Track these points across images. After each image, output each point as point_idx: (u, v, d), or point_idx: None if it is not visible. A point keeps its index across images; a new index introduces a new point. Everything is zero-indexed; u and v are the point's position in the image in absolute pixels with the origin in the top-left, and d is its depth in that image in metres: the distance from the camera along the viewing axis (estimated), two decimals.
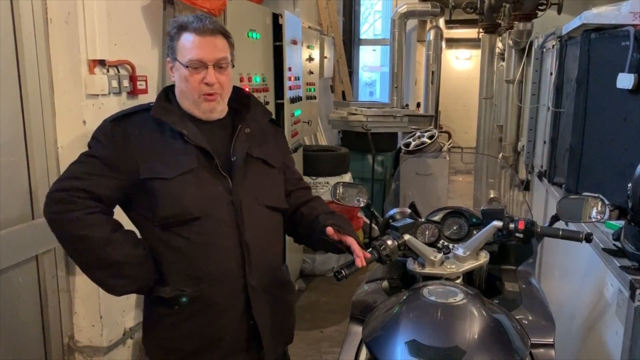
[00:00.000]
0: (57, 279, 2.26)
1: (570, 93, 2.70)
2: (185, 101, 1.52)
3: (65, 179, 1.46)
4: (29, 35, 2.05)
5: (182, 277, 1.50)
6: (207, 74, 1.46)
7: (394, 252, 1.59)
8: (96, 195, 1.43)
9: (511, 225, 1.62)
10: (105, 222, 1.45)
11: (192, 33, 1.46)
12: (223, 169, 1.50)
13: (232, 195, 1.50)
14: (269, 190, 1.61)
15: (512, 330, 1.37)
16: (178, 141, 1.47)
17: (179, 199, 1.45)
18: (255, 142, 1.58)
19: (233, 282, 1.52)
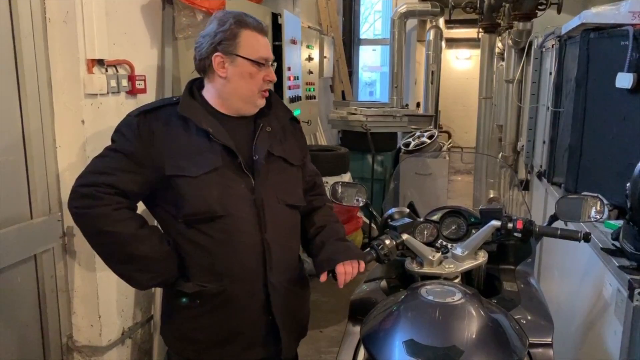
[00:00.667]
0: (56, 279, 2.26)
1: (570, 93, 2.70)
2: (237, 99, 1.53)
3: (90, 173, 1.45)
4: (28, 34, 2.04)
5: (204, 272, 1.52)
6: (269, 71, 1.53)
7: (392, 251, 1.59)
8: (122, 190, 1.43)
9: (509, 225, 1.62)
10: (132, 218, 1.46)
11: (254, 31, 1.49)
12: (246, 168, 1.51)
13: (254, 194, 1.52)
14: (289, 188, 1.62)
15: (510, 330, 1.37)
16: (203, 138, 1.47)
17: (203, 197, 1.46)
18: (276, 140, 1.59)
19: (254, 279, 1.54)
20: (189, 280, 1.53)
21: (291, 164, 1.63)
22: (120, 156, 1.45)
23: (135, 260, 1.46)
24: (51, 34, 2.13)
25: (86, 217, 1.42)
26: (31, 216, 2.11)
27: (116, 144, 1.48)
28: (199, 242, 1.50)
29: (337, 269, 1.54)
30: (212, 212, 1.47)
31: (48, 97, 2.16)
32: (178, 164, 1.45)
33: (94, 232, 1.44)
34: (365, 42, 9.42)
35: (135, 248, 1.45)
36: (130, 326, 2.56)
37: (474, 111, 9.81)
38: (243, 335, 1.58)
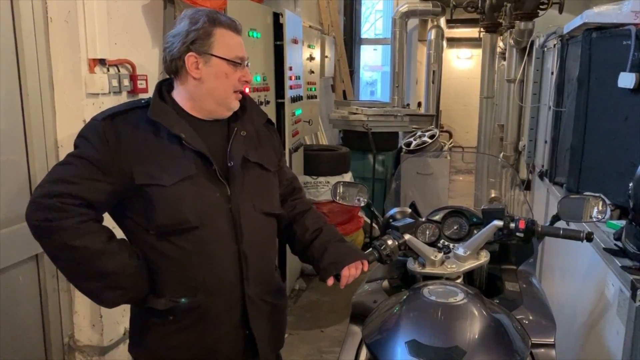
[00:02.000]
0: (58, 278, 2.26)
1: (572, 92, 2.69)
2: (210, 100, 1.44)
3: (52, 182, 1.32)
4: (29, 34, 2.05)
5: (177, 287, 1.43)
6: (245, 71, 1.45)
7: (394, 251, 1.59)
8: (88, 201, 1.32)
9: (512, 225, 1.61)
10: (99, 231, 1.35)
11: (228, 30, 1.41)
12: (221, 175, 1.43)
13: (230, 203, 1.45)
14: (265, 196, 1.55)
15: (512, 330, 1.37)
16: (175, 144, 1.39)
17: (177, 207, 1.37)
18: (251, 145, 1.52)
19: (230, 292, 1.47)
20: (161, 296, 1.43)
21: (267, 170, 1.56)
22: (85, 163, 1.33)
23: (103, 276, 1.34)
24: (53, 33, 2.13)
25: (49, 231, 1.29)
26: None
27: (80, 150, 1.36)
28: (172, 255, 1.41)
29: (343, 272, 1.52)
30: (185, 223, 1.38)
31: (49, 97, 2.16)
32: (148, 171, 1.36)
33: (58, 247, 1.31)
34: (366, 42, 9.41)
35: (103, 263, 1.33)
36: None
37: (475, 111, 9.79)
38: (220, 352, 1.50)
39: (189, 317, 1.45)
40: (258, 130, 1.58)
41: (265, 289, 1.56)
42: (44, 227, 1.29)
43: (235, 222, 1.45)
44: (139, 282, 1.41)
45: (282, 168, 1.69)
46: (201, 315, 1.46)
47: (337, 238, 1.63)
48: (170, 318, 1.44)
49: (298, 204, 1.71)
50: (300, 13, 4.90)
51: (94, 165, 1.33)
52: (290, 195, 1.72)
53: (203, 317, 1.46)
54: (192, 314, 1.45)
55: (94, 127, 1.37)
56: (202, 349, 1.49)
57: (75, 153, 1.37)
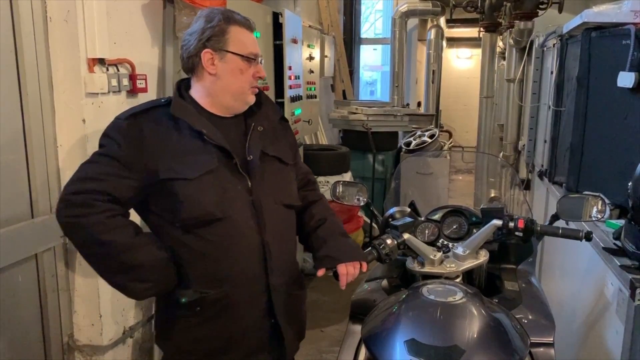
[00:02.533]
0: (57, 278, 2.25)
1: (571, 92, 2.69)
2: (227, 95, 1.50)
3: (80, 180, 1.39)
4: (29, 34, 2.04)
5: (204, 279, 1.47)
6: (259, 68, 1.52)
7: (393, 251, 1.59)
8: (115, 197, 1.37)
9: (511, 224, 1.62)
10: (127, 225, 1.41)
11: (242, 27, 1.48)
12: (241, 168, 1.48)
13: (252, 195, 1.50)
14: (285, 188, 1.61)
15: (511, 329, 1.37)
16: (196, 140, 1.43)
17: (200, 201, 1.42)
18: (268, 140, 1.57)
19: (255, 283, 1.52)
20: (188, 288, 1.48)
21: (285, 163, 1.62)
22: (111, 161, 1.39)
23: (132, 269, 1.40)
24: (52, 33, 2.13)
25: (79, 226, 1.35)
26: (32, 215, 2.11)
27: (105, 149, 1.42)
28: (197, 247, 1.45)
29: (339, 269, 1.53)
30: (210, 216, 1.43)
31: (49, 96, 2.15)
32: (172, 166, 1.41)
33: (88, 242, 1.37)
34: (366, 42, 9.41)
35: (131, 256, 1.38)
36: (132, 325, 2.56)
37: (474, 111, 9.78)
38: (246, 341, 1.55)
39: (215, 309, 1.49)
40: (274, 126, 1.63)
41: (289, 279, 1.59)
42: (73, 223, 1.35)
43: (257, 214, 1.50)
44: (167, 275, 1.45)
45: (298, 162, 1.74)
46: (227, 306, 1.49)
47: (339, 232, 1.64)
48: (197, 309, 1.48)
49: (309, 194, 1.75)
50: (299, 13, 4.90)
51: (119, 162, 1.39)
52: (304, 187, 1.76)
53: (229, 308, 1.50)
54: (218, 305, 1.49)
55: (117, 126, 1.43)
56: (228, 340, 1.53)
57: (100, 151, 1.43)
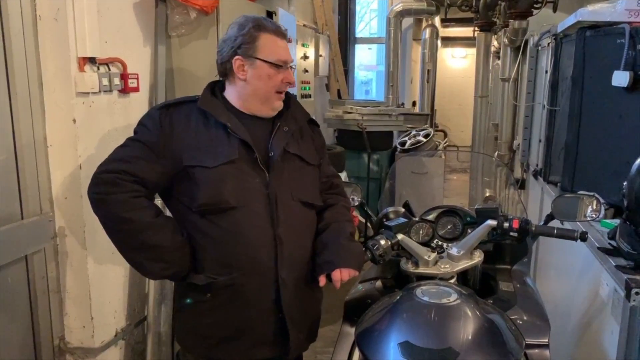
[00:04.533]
0: (47, 280, 2.22)
1: (566, 91, 2.69)
2: (255, 100, 1.58)
3: (111, 161, 1.50)
4: (18, 32, 2.01)
5: (215, 264, 1.53)
6: (287, 73, 1.58)
7: (387, 252, 1.58)
8: (141, 178, 1.48)
9: (505, 224, 1.61)
10: (149, 206, 1.50)
11: (272, 34, 1.56)
12: (261, 163, 1.54)
13: (268, 189, 1.54)
14: (304, 186, 1.64)
15: (506, 330, 1.36)
16: (221, 132, 1.52)
17: (218, 188, 1.49)
18: (292, 139, 1.63)
19: (264, 274, 1.55)
20: (201, 273, 1.54)
21: (307, 163, 1.66)
22: (141, 146, 1.50)
23: (148, 248, 1.49)
24: (42, 31, 2.09)
25: (105, 202, 1.46)
26: (22, 216, 2.07)
27: (138, 135, 1.54)
28: (211, 233, 1.52)
29: (334, 275, 1.54)
30: (224, 203, 1.50)
31: (39, 96, 2.12)
32: (196, 154, 1.50)
33: (111, 217, 1.47)
34: (361, 41, 9.40)
35: (149, 236, 1.48)
36: (124, 327, 2.53)
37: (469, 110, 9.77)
38: (252, 332, 1.58)
39: (224, 295, 1.54)
40: (301, 128, 1.70)
41: (300, 275, 1.61)
42: (100, 199, 1.46)
43: (272, 207, 1.54)
44: (181, 257, 1.53)
45: (323, 165, 1.76)
46: (236, 293, 1.54)
47: (343, 236, 1.63)
48: (208, 295, 1.55)
49: (330, 198, 1.77)
50: (294, 12, 4.87)
51: (149, 147, 1.50)
52: (327, 190, 1.78)
53: (237, 295, 1.54)
54: (227, 292, 1.54)
55: (151, 115, 1.57)
56: (236, 327, 1.57)
57: (133, 137, 1.55)
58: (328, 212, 1.71)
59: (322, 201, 1.72)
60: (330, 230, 1.64)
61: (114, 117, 2.39)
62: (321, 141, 1.78)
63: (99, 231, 2.24)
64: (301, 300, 1.62)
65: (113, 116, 2.39)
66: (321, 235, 1.65)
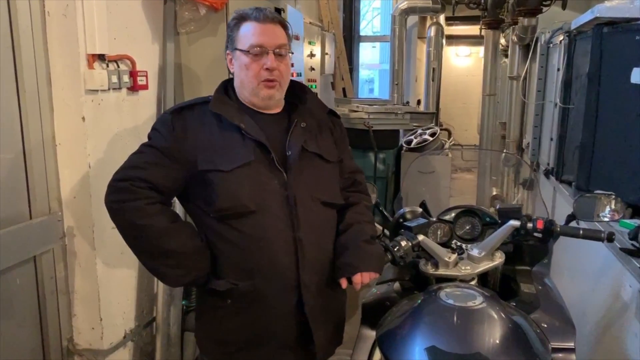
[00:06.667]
0: (56, 280, 2.19)
1: (581, 89, 2.64)
2: (245, 91, 1.54)
3: (126, 168, 1.48)
4: (26, 29, 1.97)
5: (236, 270, 1.50)
6: (267, 59, 1.48)
7: (408, 253, 1.54)
8: (156, 185, 1.45)
9: (529, 225, 1.56)
10: (164, 212, 1.47)
11: (252, 21, 1.50)
12: (279, 163, 1.50)
13: (287, 190, 1.49)
14: (324, 185, 1.59)
15: (532, 334, 1.32)
16: (236, 134, 1.48)
17: (235, 192, 1.45)
18: (311, 136, 1.57)
19: (286, 278, 1.50)
20: (221, 278, 1.51)
21: (327, 161, 1.60)
22: (155, 151, 1.47)
23: (166, 255, 1.46)
24: (50, 28, 2.06)
25: (121, 210, 1.44)
26: (30, 216, 2.04)
27: (151, 140, 1.52)
28: (230, 238, 1.48)
29: (354, 278, 1.50)
30: (243, 207, 1.46)
31: (47, 94, 2.08)
32: (211, 158, 1.46)
33: (127, 225, 1.45)
34: (366, 39, 9.36)
35: (166, 242, 1.44)
36: (132, 328, 2.50)
37: (474, 109, 9.77)
38: (275, 337, 1.54)
39: (245, 300, 1.50)
40: (320, 122, 1.63)
41: (322, 278, 1.56)
42: (116, 208, 1.44)
43: (291, 209, 1.49)
44: (200, 263, 1.50)
45: (344, 160, 1.70)
46: (257, 299, 1.50)
47: (363, 238, 1.57)
48: (229, 301, 1.51)
49: (351, 196, 1.70)
50: (300, 9, 4.83)
51: (163, 153, 1.47)
52: (348, 187, 1.71)
53: (259, 301, 1.50)
54: (248, 297, 1.50)
55: (164, 120, 1.53)
56: (257, 333, 1.53)
57: (147, 143, 1.52)
58: (349, 212, 1.65)
59: (344, 199, 1.66)
60: (350, 231, 1.59)
61: (122, 115, 2.35)
62: (342, 134, 1.71)
63: (108, 231, 2.23)
64: (324, 303, 1.57)
65: (122, 114, 2.35)
66: (341, 237, 1.59)
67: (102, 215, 2.19)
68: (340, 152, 1.67)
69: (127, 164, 1.50)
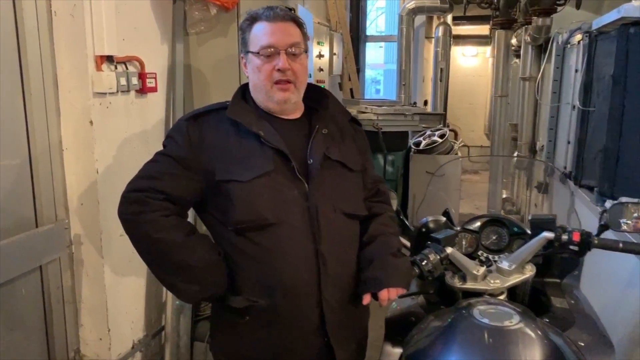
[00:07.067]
0: (63, 290, 2.12)
1: (603, 91, 2.55)
2: (259, 95, 1.46)
3: (140, 178, 1.41)
4: (32, 29, 1.90)
5: (254, 286, 1.41)
6: (279, 60, 1.39)
7: (437, 267, 1.45)
8: (171, 196, 1.38)
9: (564, 237, 1.48)
10: (180, 225, 1.39)
11: (263, 21, 1.42)
12: (299, 172, 1.40)
13: (308, 201, 1.40)
14: (347, 196, 1.49)
15: (571, 355, 1.24)
16: (254, 142, 1.40)
17: (253, 203, 1.37)
18: (333, 143, 1.48)
19: (307, 295, 1.41)
20: (239, 294, 1.42)
21: (350, 169, 1.50)
22: (170, 160, 1.40)
23: (182, 269, 1.38)
24: (57, 28, 1.98)
25: (134, 223, 1.37)
26: (36, 224, 1.97)
27: (167, 149, 1.44)
28: (249, 251, 1.40)
29: (381, 294, 1.40)
30: (262, 220, 1.37)
31: (54, 96, 2.01)
32: (228, 168, 1.38)
33: (141, 239, 1.37)
34: (372, 39, 9.27)
35: (182, 256, 1.37)
36: (141, 338, 2.43)
37: (480, 109, 9.67)
38: (294, 355, 1.45)
39: (264, 317, 1.42)
40: (342, 129, 1.55)
41: (345, 294, 1.46)
42: (130, 220, 1.37)
43: (312, 221, 1.40)
44: (217, 278, 1.41)
45: (367, 169, 1.61)
46: (277, 316, 1.42)
47: (390, 251, 1.48)
48: (247, 318, 1.43)
49: (374, 206, 1.61)
50: (308, 9, 4.75)
51: (178, 162, 1.39)
52: (372, 197, 1.62)
53: (278, 318, 1.42)
54: (267, 315, 1.42)
55: (179, 127, 1.45)
56: (276, 351, 1.45)
57: (162, 151, 1.45)
58: (373, 223, 1.55)
59: (367, 209, 1.57)
60: (376, 244, 1.50)
61: (131, 119, 2.28)
62: (364, 143, 1.63)
63: (116, 238, 2.15)
64: (347, 320, 1.48)
65: (130, 118, 2.28)
66: (366, 249, 1.50)
67: (110, 222, 2.12)
68: (363, 161, 1.58)
69: (141, 173, 1.42)
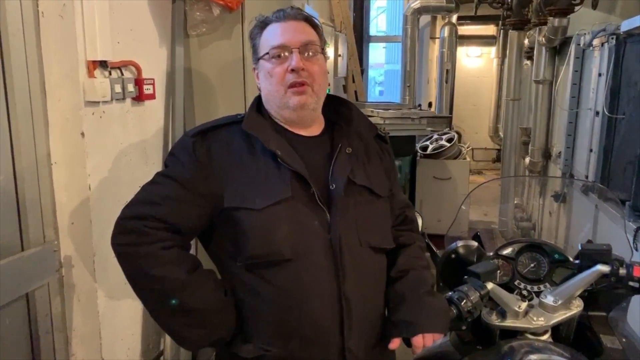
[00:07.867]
0: (52, 318, 1.93)
1: (635, 97, 2.39)
2: (273, 104, 1.29)
3: (137, 203, 1.23)
4: (17, 32, 1.72)
5: (267, 332, 1.23)
6: (292, 59, 1.23)
7: (477, 306, 1.27)
8: (173, 225, 1.20)
9: (621, 271, 1.30)
10: (182, 259, 1.22)
11: (273, 23, 1.28)
12: (320, 200, 1.23)
13: (330, 233, 1.22)
14: (374, 226, 1.30)
15: None
16: (270, 162, 1.23)
17: (268, 236, 1.19)
18: (358, 164, 1.30)
19: (328, 343, 1.23)
20: (248, 342, 1.24)
21: (377, 195, 1.32)
22: (173, 183, 1.23)
23: (184, 312, 1.20)
24: (45, 30, 1.80)
25: (130, 256, 1.19)
26: (22, 247, 1.78)
27: (169, 169, 1.27)
28: (261, 292, 1.22)
29: (415, 341, 1.22)
30: (276, 255, 1.19)
31: (41, 106, 1.83)
32: (239, 192, 1.21)
33: (138, 274, 1.20)
34: (375, 39, 9.10)
35: (184, 297, 1.19)
36: None
37: (484, 111, 9.50)
38: None
39: None
40: (367, 146, 1.36)
41: (370, 341, 1.28)
42: (125, 252, 1.20)
43: (335, 257, 1.22)
44: (225, 321, 1.25)
45: (394, 194, 1.43)
46: None
47: (424, 289, 1.30)
48: None
49: (403, 235, 1.42)
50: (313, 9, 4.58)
51: (183, 185, 1.23)
52: (400, 225, 1.44)
53: None
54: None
55: (184, 145, 1.28)
56: None
57: (164, 172, 1.28)
58: (402, 255, 1.37)
59: (394, 238, 1.38)
60: (407, 280, 1.31)
61: (127, 129, 2.10)
62: (392, 162, 1.45)
63: (110, 260, 1.94)
64: None
65: (126, 128, 2.10)
66: (395, 286, 1.32)
67: (103, 242, 1.93)
68: (391, 184, 1.40)
69: (139, 196, 1.25)
